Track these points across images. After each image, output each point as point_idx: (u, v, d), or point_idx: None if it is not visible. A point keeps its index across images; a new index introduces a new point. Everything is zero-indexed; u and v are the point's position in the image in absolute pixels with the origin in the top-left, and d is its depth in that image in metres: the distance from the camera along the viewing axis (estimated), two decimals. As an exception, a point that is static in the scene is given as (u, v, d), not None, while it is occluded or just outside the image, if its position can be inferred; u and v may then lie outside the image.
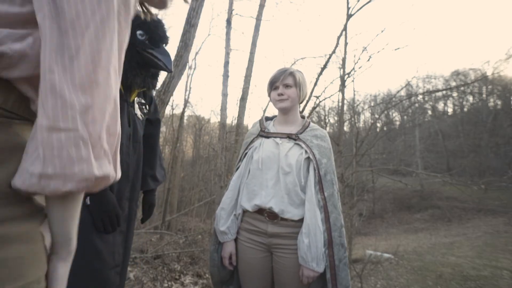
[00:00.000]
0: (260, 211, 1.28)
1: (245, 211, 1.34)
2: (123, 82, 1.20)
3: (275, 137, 1.36)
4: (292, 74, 1.36)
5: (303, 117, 1.46)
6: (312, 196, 1.23)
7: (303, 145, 1.31)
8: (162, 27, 1.23)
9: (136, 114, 1.29)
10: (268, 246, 1.29)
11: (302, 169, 1.27)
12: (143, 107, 1.36)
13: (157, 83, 1.32)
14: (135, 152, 1.27)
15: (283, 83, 1.35)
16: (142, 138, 1.34)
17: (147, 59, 1.18)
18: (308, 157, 1.29)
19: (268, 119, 1.50)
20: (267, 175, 1.29)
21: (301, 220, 1.24)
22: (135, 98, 1.30)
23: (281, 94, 1.34)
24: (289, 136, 1.34)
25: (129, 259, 1.29)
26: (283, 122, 1.41)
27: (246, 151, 1.39)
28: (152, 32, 1.18)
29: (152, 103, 1.45)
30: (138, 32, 1.17)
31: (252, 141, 1.41)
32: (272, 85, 1.36)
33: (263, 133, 1.40)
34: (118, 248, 1.13)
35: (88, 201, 1.03)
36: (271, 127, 1.42)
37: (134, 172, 1.27)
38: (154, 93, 1.50)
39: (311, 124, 1.41)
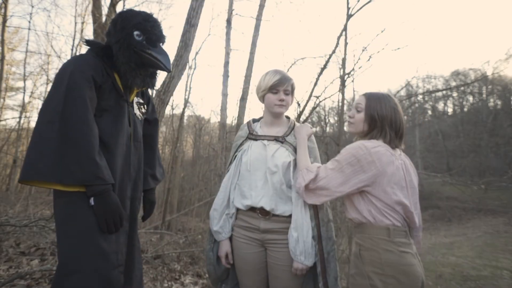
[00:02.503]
0: (252, 209, 1.34)
1: (238, 210, 1.40)
2: (123, 83, 1.21)
3: (263, 139, 1.41)
4: (292, 82, 1.41)
5: (287, 117, 1.51)
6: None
7: (290, 148, 1.37)
8: (158, 26, 1.23)
9: (135, 114, 1.29)
10: (262, 241, 1.34)
11: (288, 169, 1.34)
12: (142, 107, 1.37)
13: (156, 82, 1.32)
14: (136, 152, 1.27)
15: (285, 89, 1.38)
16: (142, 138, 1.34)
17: (146, 59, 1.18)
18: (294, 159, 1.35)
19: (255, 121, 1.54)
20: (255, 176, 1.34)
21: (291, 216, 1.31)
22: (134, 98, 1.31)
23: (282, 100, 1.38)
24: (276, 139, 1.40)
25: (139, 257, 1.29)
26: (271, 124, 1.45)
27: (235, 154, 1.44)
28: (149, 33, 1.18)
29: (149, 103, 1.45)
30: (135, 32, 1.16)
31: (241, 144, 1.45)
32: (273, 88, 1.37)
33: (252, 136, 1.45)
34: (122, 247, 1.14)
35: (92, 201, 1.03)
36: (259, 129, 1.47)
37: (136, 172, 1.27)
38: (151, 93, 1.52)
39: (296, 124, 1.48)
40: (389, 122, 1.21)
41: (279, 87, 1.36)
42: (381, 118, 1.21)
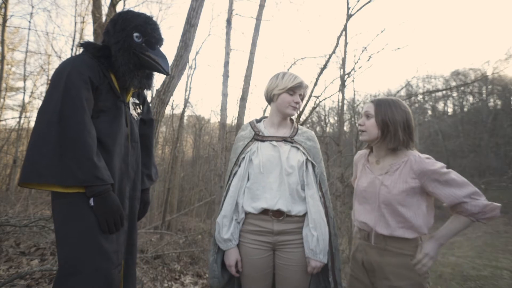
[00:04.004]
0: (264, 211, 1.31)
1: (247, 214, 1.35)
2: (120, 84, 1.21)
3: (271, 140, 1.40)
4: (307, 87, 1.43)
5: (291, 120, 1.51)
6: (315, 193, 1.32)
7: (300, 148, 1.38)
8: (158, 29, 1.23)
9: (131, 114, 1.29)
10: (273, 244, 1.32)
11: (302, 168, 1.34)
12: (137, 107, 1.37)
13: (152, 83, 1.33)
14: (134, 152, 1.28)
15: (301, 93, 1.40)
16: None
17: (144, 61, 1.19)
18: (307, 158, 1.36)
19: (257, 121, 1.53)
20: (269, 178, 1.32)
21: (304, 215, 1.32)
22: (130, 99, 1.31)
23: (297, 103, 1.39)
24: (284, 139, 1.39)
25: (136, 257, 1.30)
26: (278, 125, 1.44)
27: (242, 156, 1.40)
28: (149, 35, 1.19)
29: (145, 103, 1.46)
30: (135, 34, 1.17)
31: (247, 145, 1.42)
32: (291, 90, 1.37)
33: (258, 137, 1.42)
34: (121, 247, 1.14)
35: (91, 202, 1.03)
36: (264, 130, 1.45)
37: (134, 172, 1.27)
38: (147, 93, 1.53)
39: (299, 126, 1.49)
40: (402, 125, 1.21)
41: (296, 89, 1.37)
42: (393, 122, 1.20)
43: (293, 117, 1.51)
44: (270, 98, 1.44)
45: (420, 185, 1.15)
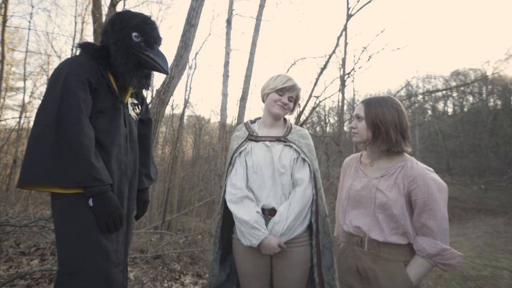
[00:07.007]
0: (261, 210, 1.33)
1: None
2: (119, 84, 1.21)
3: (264, 140, 1.41)
4: (299, 92, 1.44)
5: (284, 120, 1.52)
6: (306, 190, 1.32)
7: (294, 146, 1.39)
8: (156, 29, 1.24)
9: (130, 115, 1.30)
10: None
11: (294, 168, 1.36)
12: (136, 107, 1.37)
13: (151, 83, 1.33)
14: (132, 152, 1.28)
15: (290, 95, 1.40)
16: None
17: (143, 61, 1.19)
18: (299, 157, 1.38)
19: (252, 122, 1.54)
20: (264, 177, 1.34)
21: None
22: (128, 99, 1.31)
23: (285, 104, 1.40)
24: (278, 139, 1.41)
25: (127, 257, 1.31)
26: (270, 125, 1.46)
27: (235, 155, 1.41)
28: (147, 35, 1.19)
29: (143, 103, 1.46)
30: (134, 34, 1.17)
31: (241, 145, 1.43)
32: (280, 90, 1.38)
33: (252, 137, 1.43)
34: (121, 246, 1.15)
35: (91, 202, 1.03)
36: (258, 130, 1.46)
37: (132, 172, 1.28)
38: (146, 93, 1.54)
39: (293, 125, 1.50)
40: (394, 125, 1.14)
41: (286, 90, 1.39)
42: (384, 123, 1.14)
43: (288, 117, 1.53)
44: (262, 98, 1.47)
45: (408, 191, 1.11)
